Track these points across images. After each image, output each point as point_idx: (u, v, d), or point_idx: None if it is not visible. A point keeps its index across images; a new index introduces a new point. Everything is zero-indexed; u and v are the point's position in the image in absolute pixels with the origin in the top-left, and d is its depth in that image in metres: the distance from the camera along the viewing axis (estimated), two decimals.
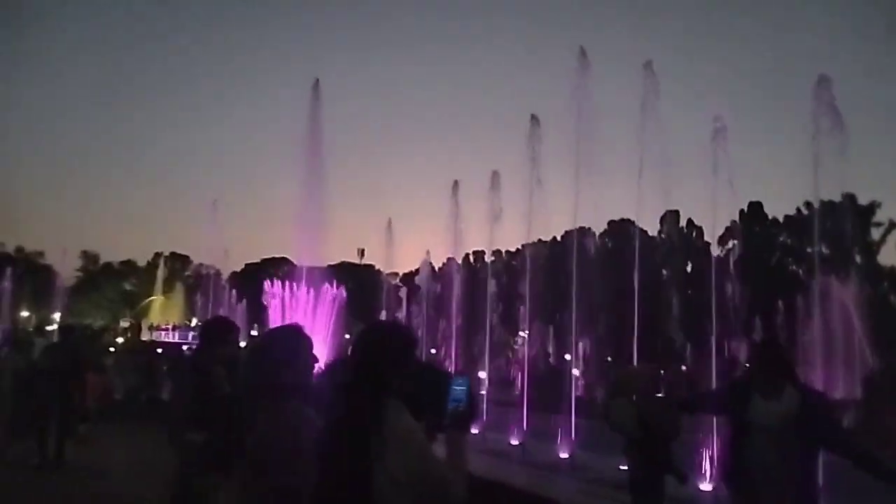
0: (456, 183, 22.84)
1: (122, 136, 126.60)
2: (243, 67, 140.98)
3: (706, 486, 9.69)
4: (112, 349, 26.77)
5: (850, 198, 53.73)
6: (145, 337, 43.68)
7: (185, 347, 29.20)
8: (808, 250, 56.07)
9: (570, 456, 12.50)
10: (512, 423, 15.10)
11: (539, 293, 22.55)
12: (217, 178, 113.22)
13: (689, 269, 60.86)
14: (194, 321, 58.33)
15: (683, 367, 29.47)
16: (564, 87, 16.77)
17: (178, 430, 5.13)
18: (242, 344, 6.50)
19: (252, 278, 48.70)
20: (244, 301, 36.48)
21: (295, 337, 3.46)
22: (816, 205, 50.86)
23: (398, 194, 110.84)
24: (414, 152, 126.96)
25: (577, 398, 15.91)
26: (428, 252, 35.94)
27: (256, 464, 3.16)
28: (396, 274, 75.98)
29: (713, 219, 15.59)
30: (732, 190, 13.91)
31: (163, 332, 46.00)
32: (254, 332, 24.05)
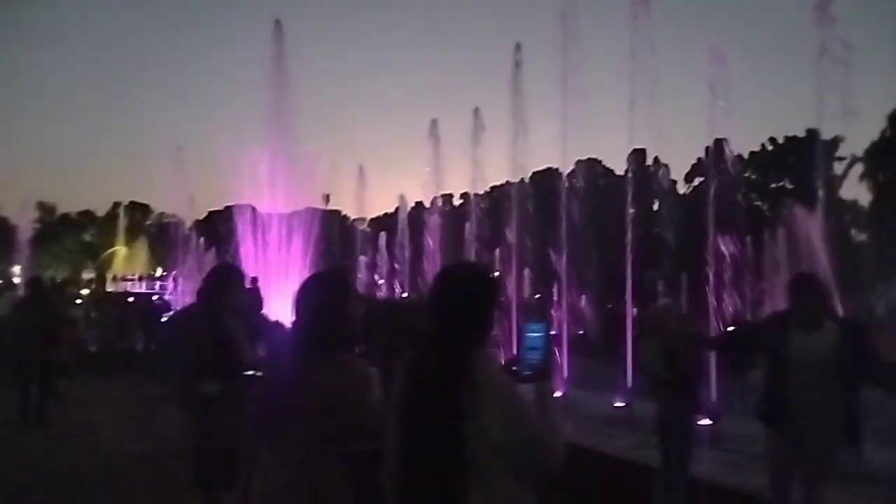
0: (434, 122, 22.24)
1: (79, 82, 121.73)
2: (204, 9, 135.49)
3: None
4: (79, 301, 26.10)
5: (813, 133, 54.35)
6: (110, 288, 42.83)
7: (154, 298, 28.72)
8: (773, 186, 56.98)
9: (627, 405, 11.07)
10: None
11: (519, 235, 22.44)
12: (177, 126, 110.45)
13: (655, 207, 61.52)
14: (159, 271, 57.59)
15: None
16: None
17: (189, 383, 4.83)
18: None
19: (216, 226, 47.78)
20: (213, 249, 35.83)
21: (341, 281, 3.18)
22: (780, 140, 50.87)
23: (368, 137, 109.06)
24: (387, 92, 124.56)
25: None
26: (402, 196, 35.66)
27: (317, 422, 2.78)
28: (364, 219, 75.99)
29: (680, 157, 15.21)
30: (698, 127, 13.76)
31: (128, 283, 45.21)
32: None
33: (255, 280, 15.50)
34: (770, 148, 53.77)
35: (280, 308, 14.95)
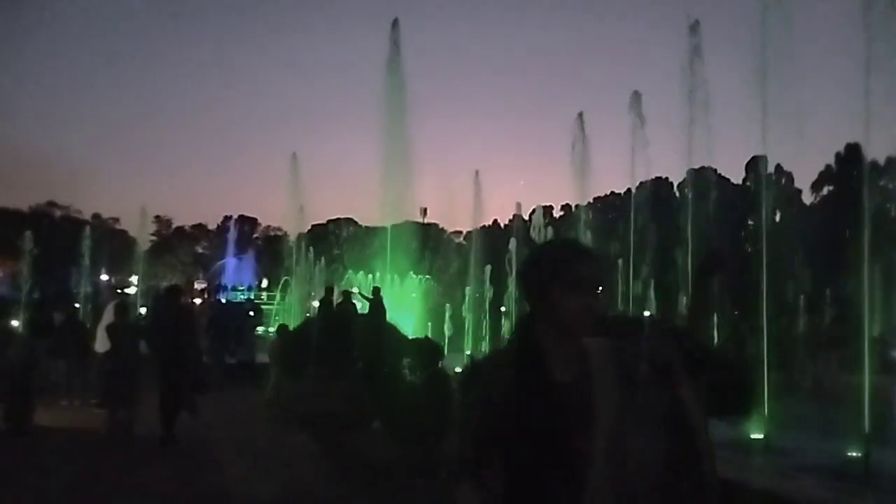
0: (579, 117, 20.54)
1: (187, 96, 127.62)
2: (317, 10, 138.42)
3: None
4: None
5: None
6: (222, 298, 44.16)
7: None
8: None
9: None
10: None
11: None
12: (288, 137, 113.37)
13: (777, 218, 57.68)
14: (265, 282, 58.86)
15: None
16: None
17: None
18: None
19: (318, 239, 48.37)
20: (322, 260, 36.30)
21: None
22: None
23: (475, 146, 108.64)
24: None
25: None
26: (519, 204, 34.54)
27: None
28: (459, 232, 75.50)
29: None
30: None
31: (239, 293, 46.62)
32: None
33: (377, 290, 15.71)
34: None
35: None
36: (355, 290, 18.21)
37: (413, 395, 7.11)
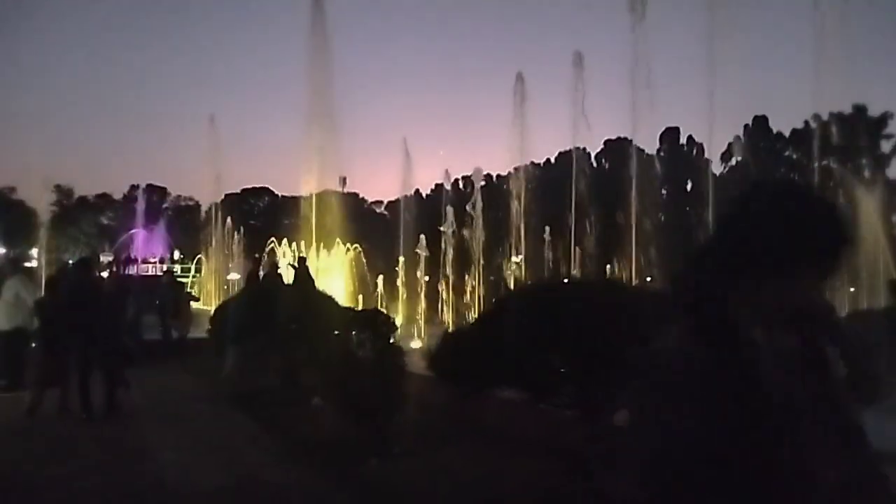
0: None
1: (94, 59, 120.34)
2: None
3: None
4: None
5: (860, 110, 51.97)
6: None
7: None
8: (816, 165, 54.81)
9: None
10: None
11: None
12: (193, 107, 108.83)
13: (688, 187, 59.84)
14: (177, 254, 56.70)
15: None
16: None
17: None
18: None
19: (233, 208, 46.82)
20: (241, 230, 35.03)
21: None
22: (825, 117, 47.90)
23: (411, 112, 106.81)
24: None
25: None
26: (447, 171, 34.31)
27: None
28: (380, 202, 74.76)
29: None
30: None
31: (149, 266, 44.67)
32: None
33: (302, 260, 15.24)
34: (814, 125, 51.26)
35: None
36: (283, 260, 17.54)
37: (363, 370, 6.70)
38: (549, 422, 6.02)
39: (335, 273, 22.72)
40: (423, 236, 20.82)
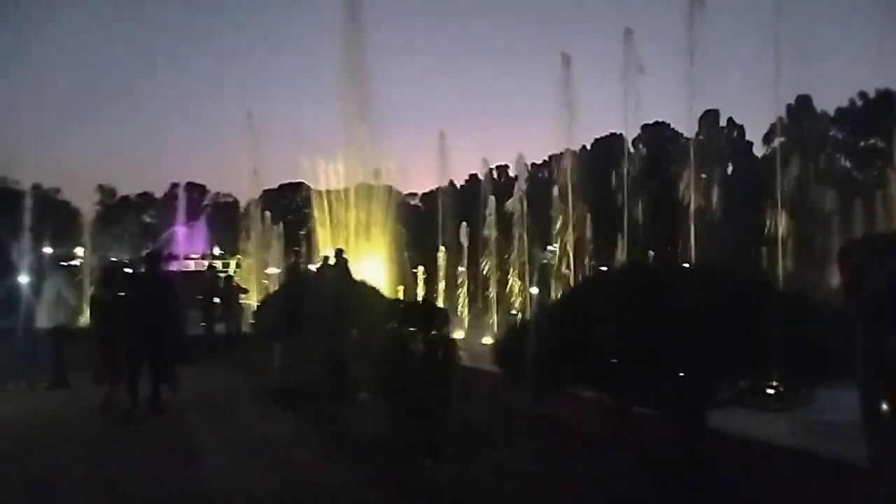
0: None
1: (126, 59, 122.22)
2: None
3: None
4: None
5: None
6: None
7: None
8: (862, 144, 53.08)
9: None
10: None
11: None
12: (229, 105, 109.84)
13: (729, 171, 58.54)
14: (217, 249, 57.35)
15: None
16: None
17: None
18: None
19: (271, 204, 47.18)
20: (281, 224, 35.39)
21: None
22: (872, 95, 46.56)
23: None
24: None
25: None
26: (485, 160, 34.19)
27: None
28: (414, 194, 74.69)
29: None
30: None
31: (191, 262, 45.71)
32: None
33: (339, 252, 14.46)
34: (859, 104, 49.61)
35: None
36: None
37: (415, 365, 6.39)
38: (629, 421, 5.64)
39: (374, 265, 22.51)
40: (464, 224, 20.45)
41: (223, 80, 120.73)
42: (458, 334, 15.38)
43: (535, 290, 20.47)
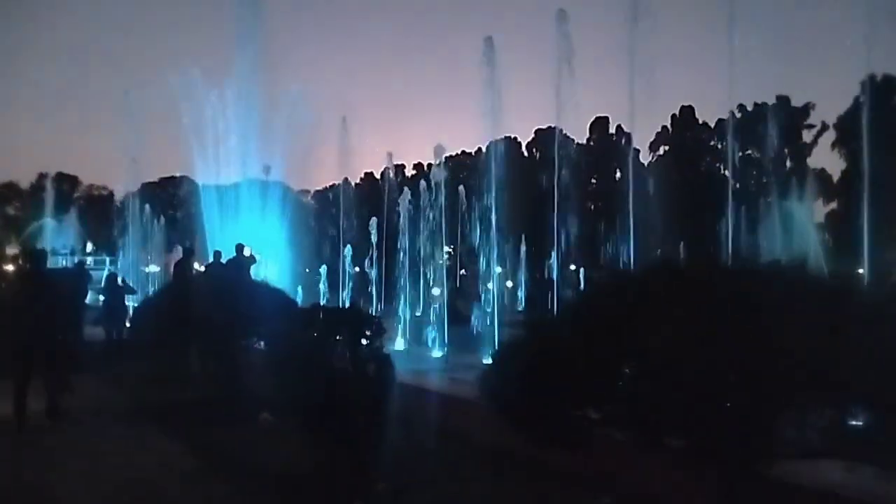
0: None
1: None
2: None
3: None
4: None
5: (784, 100, 53.35)
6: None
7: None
8: (740, 154, 56.16)
9: None
10: None
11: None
12: (106, 90, 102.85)
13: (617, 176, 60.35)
14: (89, 246, 53.26)
15: None
16: None
17: None
18: None
19: (150, 199, 44.35)
20: (162, 219, 33.09)
21: None
22: (750, 107, 49.16)
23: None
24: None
25: None
26: (390, 154, 33.25)
27: None
28: (307, 192, 72.78)
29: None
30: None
31: (59, 259, 41.84)
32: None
33: (240, 248, 14.38)
34: (738, 115, 52.29)
35: None
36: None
37: (338, 382, 5.33)
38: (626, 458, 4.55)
39: (269, 264, 21.15)
40: (374, 220, 19.39)
41: (99, 65, 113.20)
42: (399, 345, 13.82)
43: (436, 292, 19.85)
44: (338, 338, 5.49)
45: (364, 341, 5.42)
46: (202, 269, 15.82)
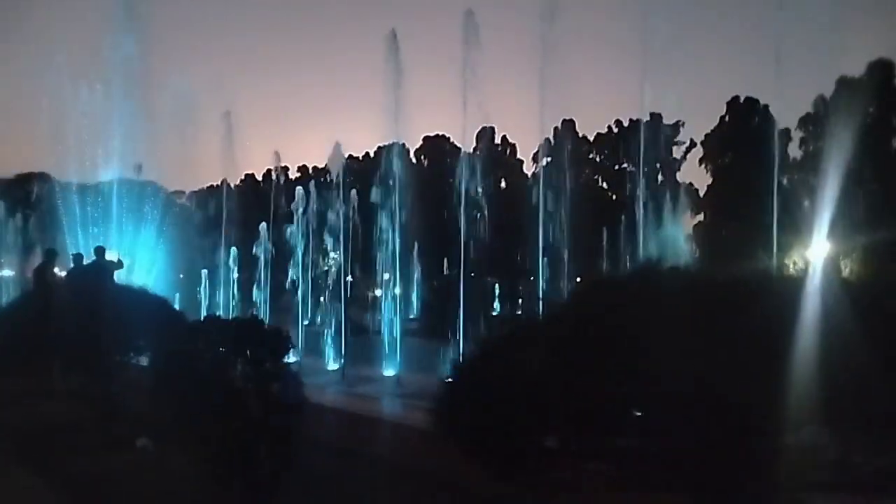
0: None
1: None
2: None
3: None
4: None
5: (656, 117, 56.19)
6: None
7: None
8: (616, 167, 58.63)
9: None
10: None
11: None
12: None
13: (503, 185, 61.43)
14: None
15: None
16: None
17: None
18: None
19: (4, 196, 40.81)
20: (18, 219, 30.30)
21: None
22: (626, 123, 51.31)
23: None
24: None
25: None
26: (277, 153, 32.07)
27: None
28: (182, 192, 69.23)
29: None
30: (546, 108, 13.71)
31: None
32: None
33: (100, 251, 12.98)
34: (615, 130, 54.80)
35: None
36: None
37: (235, 403, 4.60)
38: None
39: (143, 270, 19.58)
40: (263, 224, 18.29)
41: None
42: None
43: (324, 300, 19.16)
44: (238, 354, 4.77)
45: (266, 357, 4.73)
46: (63, 274, 14.46)
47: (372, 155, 57.94)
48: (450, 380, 3.88)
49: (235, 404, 4.66)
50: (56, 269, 12.29)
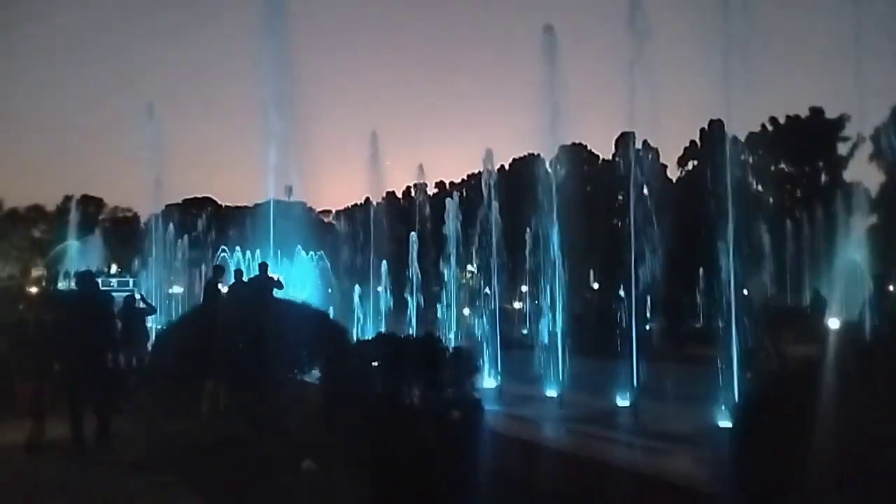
0: None
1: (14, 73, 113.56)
2: None
3: None
4: None
5: (817, 112, 51.80)
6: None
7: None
8: (772, 168, 54.44)
9: None
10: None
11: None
12: (129, 112, 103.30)
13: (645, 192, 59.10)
14: (114, 267, 53.03)
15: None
16: None
17: None
18: None
19: (174, 220, 44.24)
20: (186, 240, 32.65)
21: None
22: (782, 120, 47.47)
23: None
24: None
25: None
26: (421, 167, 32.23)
27: None
28: (329, 212, 72.42)
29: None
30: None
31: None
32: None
33: (264, 267, 13.33)
34: (770, 128, 50.79)
35: None
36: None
37: (419, 431, 4.25)
38: None
39: (300, 286, 20.21)
40: (414, 234, 18.37)
41: (123, 88, 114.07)
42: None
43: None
44: (416, 378, 4.43)
45: (447, 382, 4.35)
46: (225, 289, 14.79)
47: (507, 167, 57.92)
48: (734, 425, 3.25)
49: (409, 432, 4.33)
50: (220, 284, 12.75)
